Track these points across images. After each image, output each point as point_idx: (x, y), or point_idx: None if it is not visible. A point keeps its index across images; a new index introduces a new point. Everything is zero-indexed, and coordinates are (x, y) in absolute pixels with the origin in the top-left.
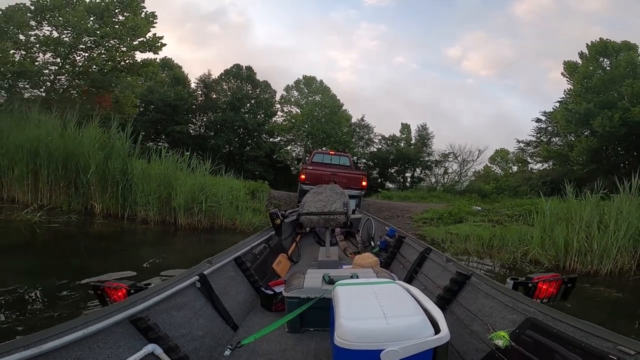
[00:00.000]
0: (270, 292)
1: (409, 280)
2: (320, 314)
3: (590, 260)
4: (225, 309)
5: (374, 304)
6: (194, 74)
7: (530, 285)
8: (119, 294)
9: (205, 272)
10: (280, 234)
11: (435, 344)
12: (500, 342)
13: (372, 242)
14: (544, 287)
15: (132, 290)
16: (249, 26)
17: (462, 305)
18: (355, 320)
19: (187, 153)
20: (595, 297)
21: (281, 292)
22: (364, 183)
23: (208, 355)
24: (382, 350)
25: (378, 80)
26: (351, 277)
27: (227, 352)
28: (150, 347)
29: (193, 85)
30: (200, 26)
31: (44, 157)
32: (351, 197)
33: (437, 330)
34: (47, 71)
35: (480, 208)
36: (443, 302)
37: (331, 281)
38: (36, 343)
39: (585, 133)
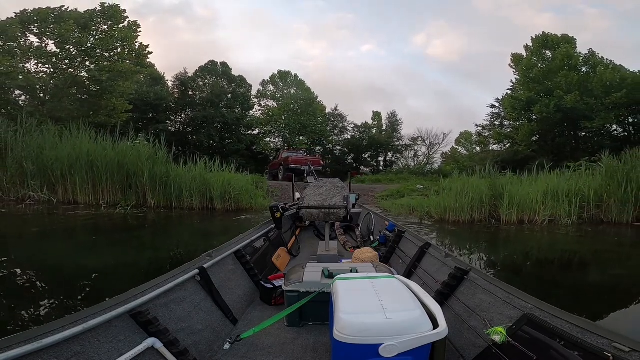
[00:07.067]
0: (270, 286)
1: (408, 275)
2: (319, 307)
3: (456, 214)
4: (225, 303)
5: (373, 299)
6: (161, 68)
7: None
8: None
9: (205, 266)
10: (280, 227)
11: (434, 339)
12: (497, 338)
13: (371, 237)
14: None
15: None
16: (216, 18)
17: (460, 301)
18: (354, 315)
19: (173, 150)
20: (450, 231)
21: (281, 286)
22: (321, 162)
23: (208, 348)
24: (381, 344)
25: (348, 68)
26: (350, 271)
27: (227, 346)
28: (150, 341)
29: (170, 84)
30: (164, 19)
31: (102, 166)
32: (317, 171)
33: (435, 325)
34: (41, 83)
35: (422, 186)
36: (441, 297)
37: (331, 275)
38: (36, 338)
39: (533, 118)
